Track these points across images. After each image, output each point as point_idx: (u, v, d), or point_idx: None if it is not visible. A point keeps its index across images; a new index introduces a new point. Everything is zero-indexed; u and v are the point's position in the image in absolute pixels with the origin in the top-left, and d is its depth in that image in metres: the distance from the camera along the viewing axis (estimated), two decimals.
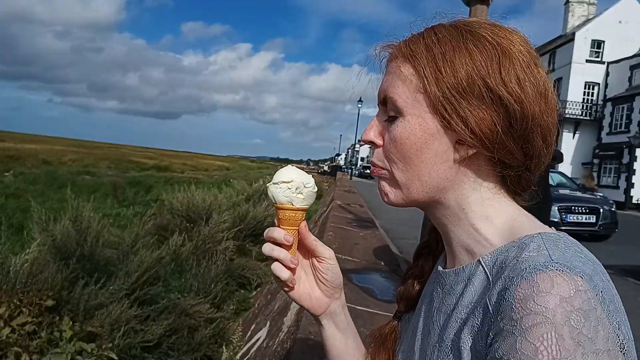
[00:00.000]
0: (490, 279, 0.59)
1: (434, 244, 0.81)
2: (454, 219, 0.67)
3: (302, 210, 0.76)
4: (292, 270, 0.78)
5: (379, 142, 0.69)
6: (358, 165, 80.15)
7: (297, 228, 0.77)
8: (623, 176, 27.39)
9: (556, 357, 0.46)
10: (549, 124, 0.62)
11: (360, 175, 58.37)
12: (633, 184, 26.90)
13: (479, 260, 0.63)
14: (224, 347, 4.23)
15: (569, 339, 0.46)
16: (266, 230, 0.77)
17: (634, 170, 27.08)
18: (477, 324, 0.57)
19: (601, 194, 12.96)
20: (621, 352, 0.49)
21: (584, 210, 10.34)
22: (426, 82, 0.61)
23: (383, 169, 0.68)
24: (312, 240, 0.80)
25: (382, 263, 5.13)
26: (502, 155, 0.61)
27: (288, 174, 0.75)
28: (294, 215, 0.75)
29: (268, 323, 4.12)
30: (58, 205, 9.57)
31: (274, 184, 0.74)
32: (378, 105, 0.71)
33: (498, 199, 0.66)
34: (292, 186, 0.74)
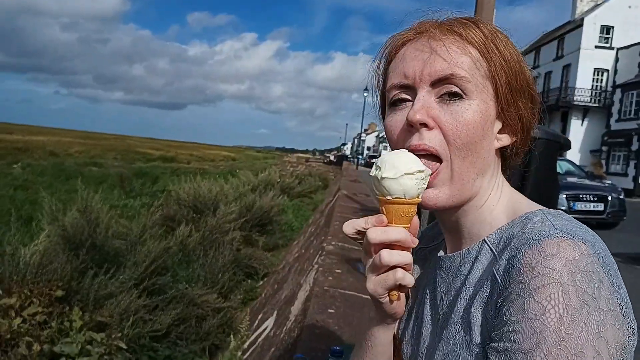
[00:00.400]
0: (496, 254, 0.61)
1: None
2: (473, 207, 0.68)
3: (417, 203, 0.64)
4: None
5: (432, 123, 0.63)
6: (364, 155, 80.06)
7: (409, 226, 0.64)
8: (632, 163, 27.08)
9: (563, 315, 0.49)
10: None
11: (367, 165, 58.21)
12: None
13: (484, 240, 0.65)
14: (231, 336, 4.27)
15: (575, 297, 0.49)
16: (380, 231, 0.62)
17: None
18: (485, 295, 0.59)
19: (609, 182, 12.85)
20: (621, 313, 0.52)
21: (592, 198, 10.25)
22: (495, 70, 0.63)
23: (436, 157, 0.63)
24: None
25: None
26: (525, 142, 0.68)
27: (414, 160, 0.61)
28: (410, 209, 0.63)
29: (275, 312, 4.15)
30: (66, 197, 9.64)
31: (407, 174, 0.60)
32: (402, 90, 0.66)
33: (502, 182, 0.70)
34: (422, 175, 0.61)
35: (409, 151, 0.62)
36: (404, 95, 0.66)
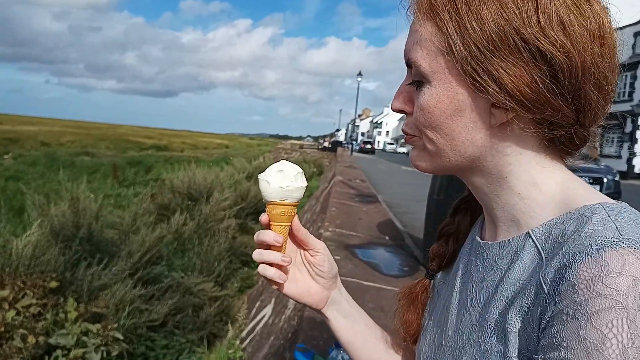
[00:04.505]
0: (543, 255, 0.52)
1: (474, 201, 0.72)
2: (495, 187, 0.59)
3: (295, 205, 0.74)
4: (283, 268, 0.74)
5: (409, 109, 0.61)
6: (358, 141, 79.97)
7: (289, 224, 0.75)
8: (625, 145, 27.23)
9: (627, 346, 0.40)
10: (604, 70, 0.52)
11: (361, 151, 58.22)
12: (635, 153, 26.70)
13: (528, 233, 0.56)
14: (229, 324, 4.23)
15: None
16: (256, 234, 0.75)
17: (637, 139, 26.88)
18: (527, 304, 0.50)
19: (604, 164, 12.89)
20: None
21: (587, 180, 10.26)
22: (451, 42, 0.53)
23: (414, 136, 0.62)
24: (304, 234, 0.77)
25: (387, 238, 5.09)
26: (548, 115, 0.52)
27: (277, 169, 0.73)
28: (286, 210, 0.73)
29: (273, 300, 4.10)
30: (58, 187, 9.53)
31: (265, 181, 0.73)
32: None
33: (546, 163, 0.57)
34: (283, 182, 0.72)
35: None
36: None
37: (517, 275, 0.54)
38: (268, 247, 0.73)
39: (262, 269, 0.73)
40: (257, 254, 0.73)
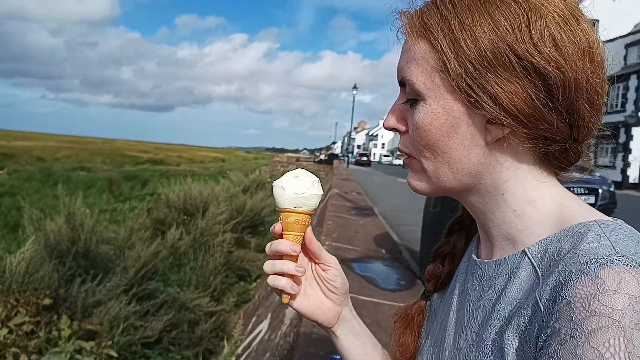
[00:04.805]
0: (539, 273, 0.52)
1: (469, 220, 0.72)
2: (492, 205, 0.59)
3: (310, 213, 0.70)
4: (295, 279, 0.71)
5: (402, 128, 0.62)
6: (354, 153, 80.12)
7: (303, 234, 0.70)
8: (620, 156, 27.40)
9: None
10: (595, 85, 0.53)
11: (357, 163, 58.33)
12: (629, 163, 26.89)
13: (524, 251, 0.55)
14: (225, 340, 4.18)
15: (639, 345, 0.40)
16: (269, 245, 0.71)
17: (630, 149, 27.07)
18: (524, 323, 0.50)
19: (599, 174, 12.94)
20: None
21: (582, 191, 10.29)
22: (445, 59, 0.53)
23: (410, 156, 0.62)
24: (317, 247, 0.73)
25: (384, 251, 5.07)
26: (544, 130, 0.53)
27: (293, 175, 0.70)
28: (300, 218, 0.69)
29: (269, 315, 4.06)
30: (54, 202, 9.47)
31: (280, 187, 0.69)
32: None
33: (543, 178, 0.57)
34: (299, 189, 0.68)
35: None
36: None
37: (514, 293, 0.54)
38: (280, 258, 0.70)
39: (273, 280, 0.70)
40: (269, 265, 0.70)
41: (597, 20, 0.58)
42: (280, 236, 0.70)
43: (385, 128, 0.64)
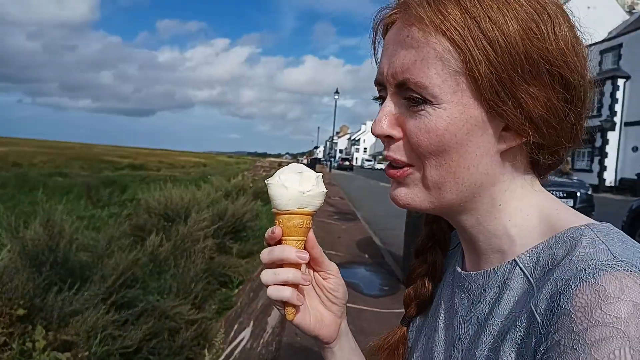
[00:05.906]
0: (533, 282, 0.49)
1: (439, 234, 0.68)
2: (486, 218, 0.55)
3: (312, 214, 0.62)
4: (299, 291, 0.63)
5: (398, 134, 0.55)
6: (337, 158, 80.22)
7: (305, 239, 0.62)
8: (596, 160, 28.03)
9: None
10: (590, 93, 0.52)
11: (340, 168, 58.52)
12: (606, 167, 27.56)
13: (514, 261, 0.52)
14: (206, 350, 4.10)
15: None
16: (267, 252, 0.62)
17: (607, 153, 27.75)
18: (520, 335, 0.47)
19: (577, 178, 13.19)
20: None
21: (561, 195, 10.47)
22: (473, 62, 0.48)
23: (407, 165, 0.55)
24: (319, 252, 0.66)
25: (367, 256, 5.06)
26: (556, 137, 0.51)
27: (296, 170, 0.61)
28: (304, 221, 0.61)
29: (252, 322, 4.01)
30: (29, 209, 9.25)
31: (282, 185, 0.59)
32: (379, 88, 0.57)
33: (533, 187, 0.55)
34: (304, 187, 0.60)
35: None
36: (382, 93, 0.57)
37: (507, 306, 0.51)
38: (279, 266, 0.62)
39: (276, 290, 0.61)
40: (270, 275, 0.60)
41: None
42: (279, 242, 0.62)
43: (376, 135, 0.57)
